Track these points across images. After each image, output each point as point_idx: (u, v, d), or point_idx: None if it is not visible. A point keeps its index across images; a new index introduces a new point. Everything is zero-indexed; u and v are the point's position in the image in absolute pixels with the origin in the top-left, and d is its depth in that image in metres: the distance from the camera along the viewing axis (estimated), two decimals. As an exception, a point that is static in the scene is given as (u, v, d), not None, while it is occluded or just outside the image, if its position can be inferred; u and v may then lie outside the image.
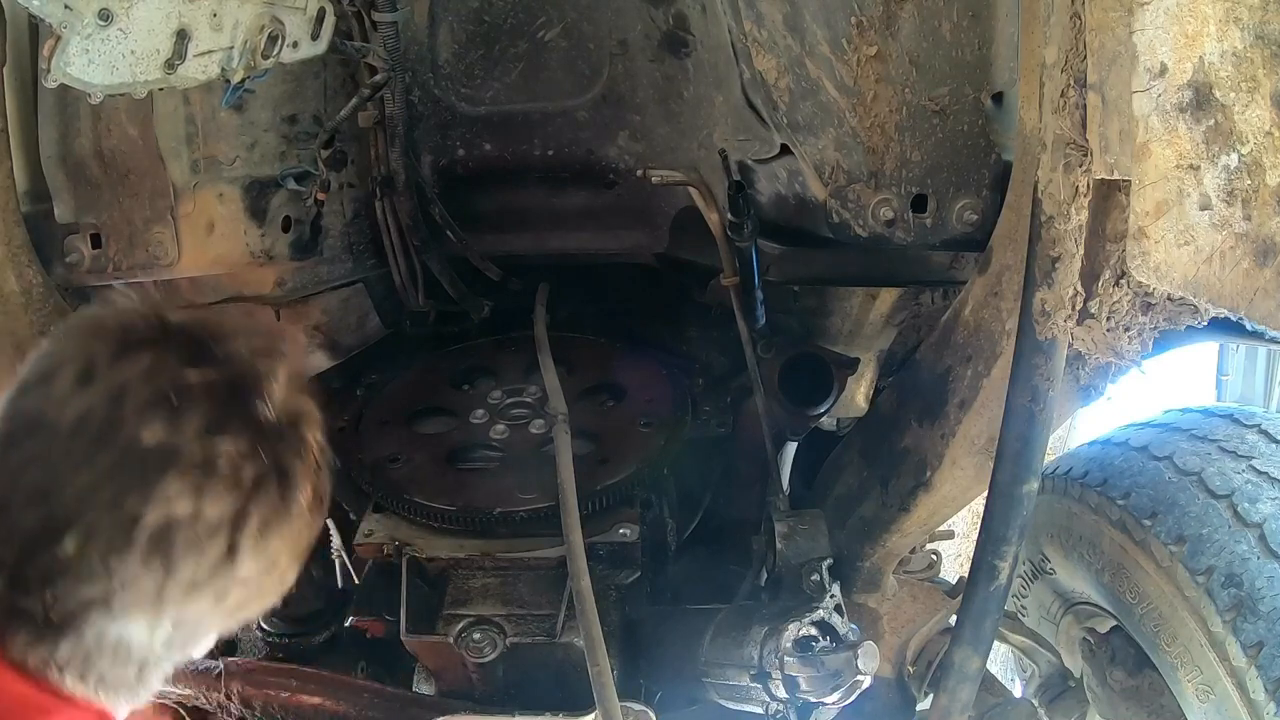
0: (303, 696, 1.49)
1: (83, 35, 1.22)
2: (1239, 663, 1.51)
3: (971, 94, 1.48)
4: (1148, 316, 1.16)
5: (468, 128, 2.06)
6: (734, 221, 1.68)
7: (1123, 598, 1.80)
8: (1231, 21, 0.83)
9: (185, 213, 1.82)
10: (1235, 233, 0.86)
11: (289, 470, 0.91)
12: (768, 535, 1.59)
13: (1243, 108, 0.83)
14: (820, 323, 2.08)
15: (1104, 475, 1.87)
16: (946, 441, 1.55)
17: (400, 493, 1.62)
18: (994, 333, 1.43)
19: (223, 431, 0.87)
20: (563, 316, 2.12)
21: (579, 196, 2.10)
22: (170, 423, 0.85)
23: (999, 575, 1.31)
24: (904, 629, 1.91)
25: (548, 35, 1.95)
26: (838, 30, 1.48)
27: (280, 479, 0.90)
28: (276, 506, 0.90)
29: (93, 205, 1.81)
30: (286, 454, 0.91)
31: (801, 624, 1.25)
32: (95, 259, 1.83)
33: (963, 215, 1.56)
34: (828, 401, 1.78)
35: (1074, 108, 1.08)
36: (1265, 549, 1.56)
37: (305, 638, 1.85)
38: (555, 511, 1.48)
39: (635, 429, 1.74)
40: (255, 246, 1.92)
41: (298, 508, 0.92)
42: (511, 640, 1.42)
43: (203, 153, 1.80)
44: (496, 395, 1.85)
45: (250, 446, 0.88)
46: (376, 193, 2.00)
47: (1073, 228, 1.12)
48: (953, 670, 1.40)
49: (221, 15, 1.41)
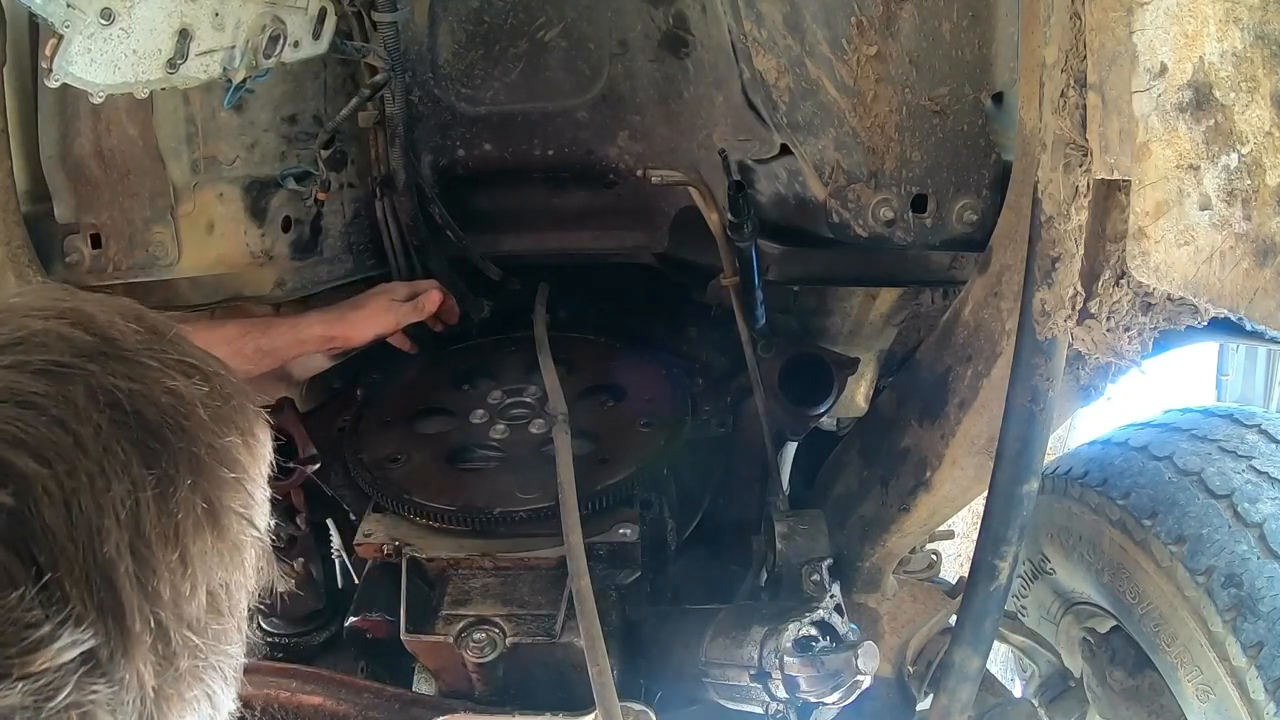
0: (303, 696, 1.49)
1: (85, 34, 1.22)
2: (1239, 663, 1.51)
3: (971, 94, 1.49)
4: (1148, 316, 1.16)
5: (468, 128, 2.06)
6: (734, 221, 1.68)
7: (1123, 598, 1.80)
8: (1231, 21, 0.83)
9: (185, 212, 1.82)
10: (1235, 233, 0.86)
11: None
12: (768, 535, 1.59)
13: (1243, 108, 0.83)
14: (820, 323, 2.08)
15: (1104, 475, 1.87)
16: (946, 441, 1.55)
17: (400, 493, 1.62)
18: (994, 333, 1.43)
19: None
20: (563, 316, 2.12)
21: (579, 196, 2.10)
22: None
23: (999, 575, 1.31)
24: (904, 629, 1.91)
25: (548, 35, 1.95)
26: (838, 30, 1.48)
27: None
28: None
29: (93, 205, 1.81)
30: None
31: (801, 624, 1.25)
32: (95, 259, 1.83)
33: (963, 215, 1.56)
34: (828, 401, 1.78)
35: (1074, 108, 1.08)
36: (1265, 549, 1.56)
37: (305, 638, 1.85)
38: (555, 511, 1.48)
39: (635, 429, 1.74)
40: (255, 246, 1.92)
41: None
42: (511, 640, 1.42)
43: (203, 153, 1.80)
44: (496, 395, 1.85)
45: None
46: (376, 193, 2.00)
47: (1073, 228, 1.12)
48: (953, 670, 1.40)
49: (223, 15, 1.41)
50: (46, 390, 0.65)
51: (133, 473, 0.66)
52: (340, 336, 1.87)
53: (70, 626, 0.60)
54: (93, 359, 0.69)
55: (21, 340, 0.68)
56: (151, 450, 0.68)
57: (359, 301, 1.90)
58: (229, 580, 0.74)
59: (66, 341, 0.69)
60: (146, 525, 0.66)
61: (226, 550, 0.73)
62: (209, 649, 0.71)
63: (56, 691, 0.58)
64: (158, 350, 0.74)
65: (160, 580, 0.66)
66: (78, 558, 0.62)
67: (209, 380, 0.76)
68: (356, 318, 1.87)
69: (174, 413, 0.71)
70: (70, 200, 1.81)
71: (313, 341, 1.85)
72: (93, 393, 0.67)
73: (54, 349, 0.68)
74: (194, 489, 0.70)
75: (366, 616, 1.57)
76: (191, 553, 0.69)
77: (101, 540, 0.63)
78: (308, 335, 1.83)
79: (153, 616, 0.65)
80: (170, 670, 0.67)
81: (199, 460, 0.72)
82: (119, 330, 0.73)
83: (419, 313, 1.90)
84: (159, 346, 0.74)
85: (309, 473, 1.71)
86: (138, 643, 0.64)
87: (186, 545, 0.69)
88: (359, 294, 1.94)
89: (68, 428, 0.64)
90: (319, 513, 1.79)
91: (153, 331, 0.76)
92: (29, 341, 0.69)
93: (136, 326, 0.75)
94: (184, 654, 0.68)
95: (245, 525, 0.76)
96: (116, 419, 0.67)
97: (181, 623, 0.68)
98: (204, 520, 0.71)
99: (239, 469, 0.76)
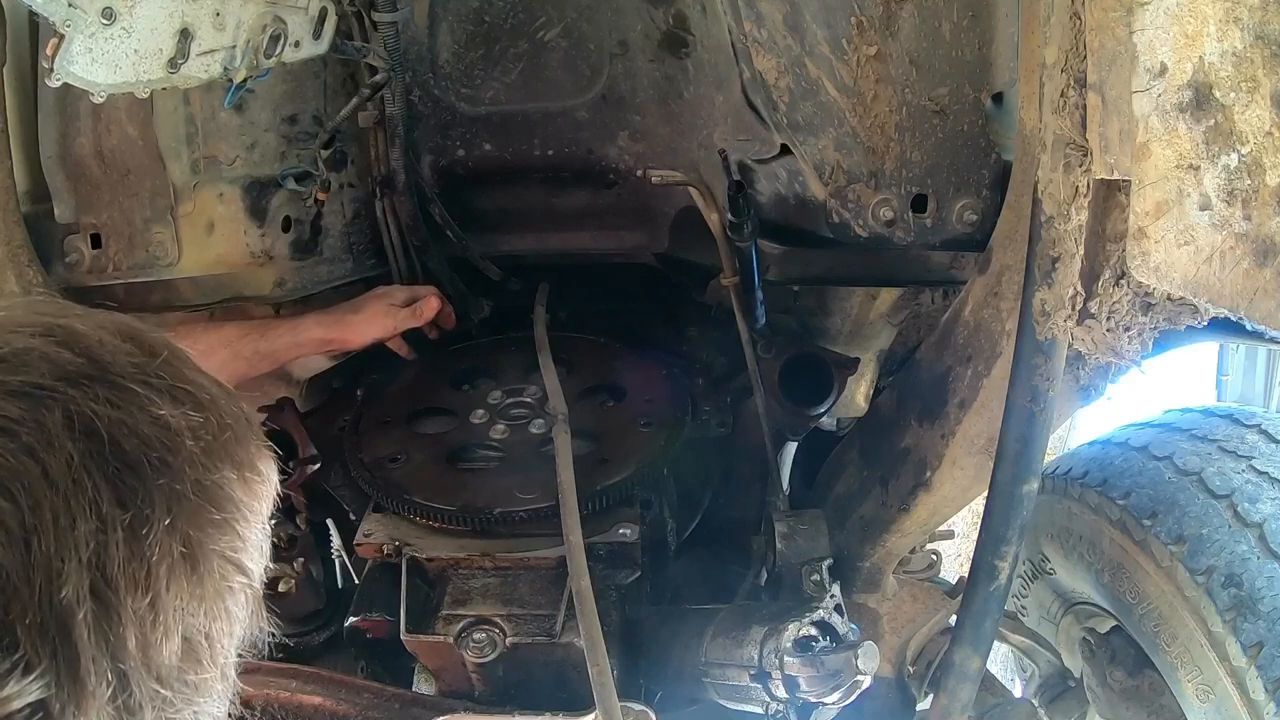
0: (303, 696, 1.49)
1: (86, 34, 1.22)
2: (1239, 663, 1.51)
3: (971, 94, 1.49)
4: (1148, 316, 1.16)
5: (468, 128, 2.06)
6: (734, 221, 1.68)
7: (1123, 598, 1.80)
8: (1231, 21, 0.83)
9: (185, 212, 1.82)
10: (1235, 233, 0.86)
11: None
12: (768, 535, 1.59)
13: (1243, 108, 0.83)
14: (820, 323, 2.08)
15: (1104, 475, 1.87)
16: (946, 441, 1.55)
17: (400, 493, 1.62)
18: (994, 333, 1.43)
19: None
20: (563, 316, 2.12)
21: (579, 196, 2.10)
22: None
23: (999, 575, 1.31)
24: (904, 629, 1.91)
25: (548, 35, 1.95)
26: (838, 30, 1.48)
27: None
28: None
29: (93, 205, 1.81)
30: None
31: (801, 624, 1.25)
32: (95, 259, 1.83)
33: (963, 215, 1.56)
34: (828, 401, 1.78)
35: (1074, 108, 1.08)
36: (1265, 549, 1.56)
37: (305, 638, 1.85)
38: (555, 511, 1.48)
39: (635, 429, 1.74)
40: (255, 246, 1.92)
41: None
42: (511, 640, 1.42)
43: (203, 153, 1.80)
44: (496, 395, 1.85)
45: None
46: (376, 193, 2.00)
47: (1073, 228, 1.12)
48: (953, 670, 1.40)
49: (224, 14, 1.41)
50: (20, 415, 0.62)
51: (102, 511, 0.62)
52: (338, 340, 1.87)
53: (18, 675, 0.57)
54: (74, 383, 0.66)
55: (3, 358, 0.66)
56: (127, 486, 0.64)
57: (357, 305, 1.90)
58: (209, 629, 0.69)
59: (50, 362, 0.66)
60: (113, 568, 0.62)
61: (207, 597, 0.68)
62: (183, 701, 0.66)
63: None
64: (149, 374, 0.70)
65: (125, 627, 0.62)
66: (32, 601, 0.58)
67: (203, 409, 0.72)
68: (354, 321, 1.87)
69: (157, 445, 0.67)
70: (70, 200, 1.81)
71: (310, 344, 1.85)
72: (70, 420, 0.63)
73: (35, 370, 0.65)
74: (171, 530, 0.66)
75: (366, 616, 1.57)
76: (165, 599, 0.65)
77: (60, 584, 0.59)
78: (305, 338, 1.83)
79: (111, 668, 0.61)
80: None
81: (181, 498, 0.67)
82: (109, 351, 0.70)
83: (417, 318, 1.91)
84: (150, 370, 0.71)
85: (309, 473, 1.71)
86: (91, 697, 0.60)
87: (159, 591, 0.64)
88: (358, 296, 1.94)
89: (36, 456, 0.61)
90: (319, 513, 1.79)
91: (147, 353, 0.72)
92: (10, 360, 0.66)
93: (129, 347, 0.71)
94: (149, 707, 0.64)
95: (231, 570, 0.71)
96: (92, 449, 0.64)
97: (149, 674, 0.64)
98: (182, 563, 0.66)
99: (229, 508, 0.71)
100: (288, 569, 1.75)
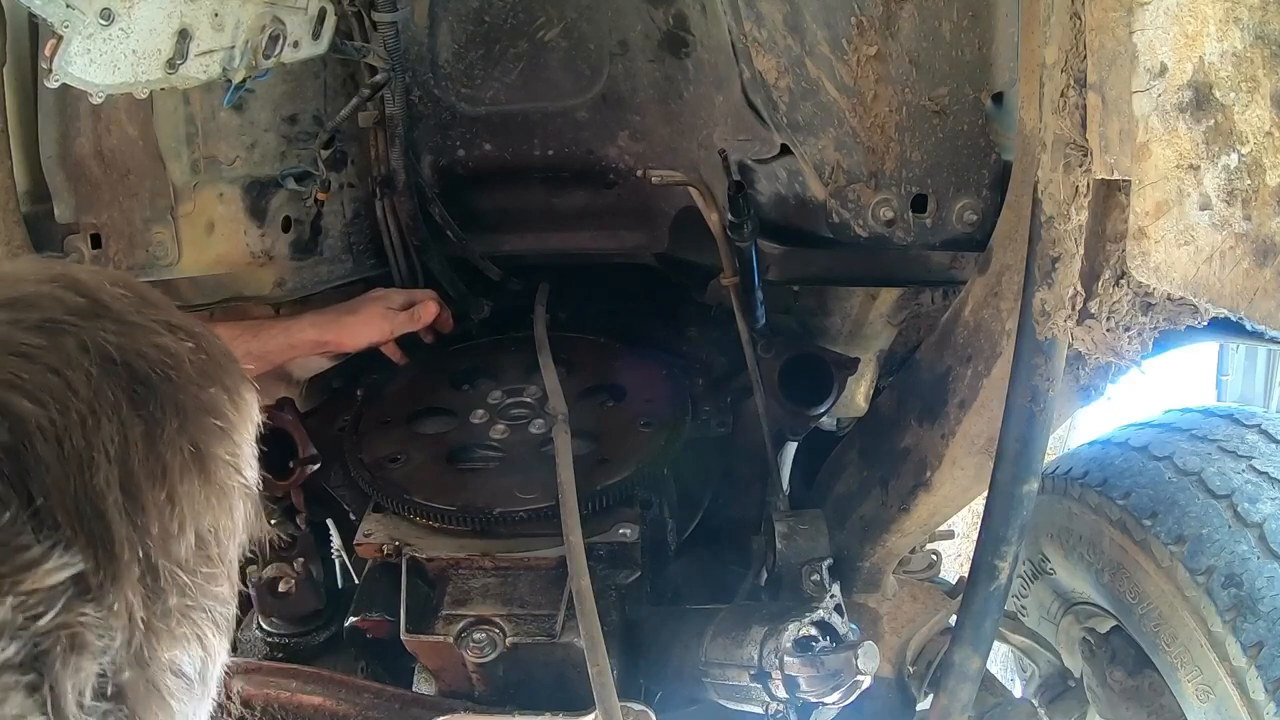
0: (303, 696, 1.49)
1: (84, 35, 1.22)
2: (1239, 663, 1.51)
3: (971, 94, 1.49)
4: (1148, 316, 1.16)
5: (468, 128, 2.06)
6: (734, 221, 1.68)
7: (1123, 598, 1.80)
8: (1231, 21, 0.83)
9: (185, 212, 1.82)
10: (1235, 233, 0.86)
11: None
12: (768, 535, 1.59)
13: (1243, 108, 0.83)
14: (820, 323, 2.08)
15: (1104, 475, 1.87)
16: (946, 441, 1.55)
17: (400, 493, 1.62)
18: (994, 333, 1.43)
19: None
20: (563, 316, 2.12)
21: (579, 196, 2.10)
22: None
23: (999, 575, 1.31)
24: (904, 629, 1.91)
25: (548, 35, 1.95)
26: (838, 30, 1.48)
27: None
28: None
29: (92, 205, 1.81)
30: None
31: (801, 624, 1.25)
32: (95, 259, 1.83)
33: (963, 215, 1.56)
34: (828, 401, 1.78)
35: (1074, 108, 1.08)
36: (1265, 549, 1.56)
37: (305, 638, 1.85)
38: (555, 511, 1.48)
39: (635, 429, 1.74)
40: (255, 246, 1.92)
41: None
42: (511, 640, 1.42)
43: (203, 153, 1.80)
44: (496, 395, 1.85)
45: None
46: (376, 193, 2.00)
47: (1073, 228, 1.12)
48: (953, 670, 1.40)
49: (223, 15, 1.41)
50: (40, 343, 0.68)
51: (121, 414, 0.69)
52: (333, 342, 1.87)
53: (60, 550, 0.62)
54: (83, 317, 0.72)
55: (16, 300, 0.71)
56: (139, 395, 0.71)
57: (354, 307, 1.89)
58: (217, 525, 0.75)
59: (59, 302, 0.72)
60: (135, 463, 0.68)
61: (214, 495, 0.75)
62: (198, 590, 0.72)
63: (46, 611, 0.60)
64: (145, 312, 0.77)
65: (148, 516, 0.69)
66: (68, 488, 0.64)
67: (195, 338, 0.79)
68: (350, 323, 1.86)
69: (161, 365, 0.74)
70: (70, 200, 1.81)
71: (304, 346, 1.84)
72: (84, 345, 0.70)
73: (47, 308, 0.71)
74: (181, 432, 0.72)
75: (366, 616, 1.57)
76: (179, 493, 0.71)
77: (92, 473, 0.65)
78: (299, 339, 1.83)
79: (141, 548, 0.67)
80: (159, 604, 0.69)
81: (185, 407, 0.74)
82: (108, 295, 0.76)
83: (414, 322, 1.90)
84: (146, 309, 0.77)
85: (309, 473, 1.71)
86: (126, 571, 0.66)
87: (174, 485, 0.71)
88: (355, 298, 1.93)
89: (60, 374, 0.67)
90: (319, 513, 1.79)
91: (140, 297, 0.79)
92: (23, 301, 0.71)
93: (125, 292, 0.78)
94: (172, 590, 0.69)
95: (232, 472, 0.78)
96: (106, 368, 0.70)
97: (170, 559, 0.70)
98: (191, 463, 0.73)
99: (225, 420, 0.78)
100: (288, 569, 1.75)
